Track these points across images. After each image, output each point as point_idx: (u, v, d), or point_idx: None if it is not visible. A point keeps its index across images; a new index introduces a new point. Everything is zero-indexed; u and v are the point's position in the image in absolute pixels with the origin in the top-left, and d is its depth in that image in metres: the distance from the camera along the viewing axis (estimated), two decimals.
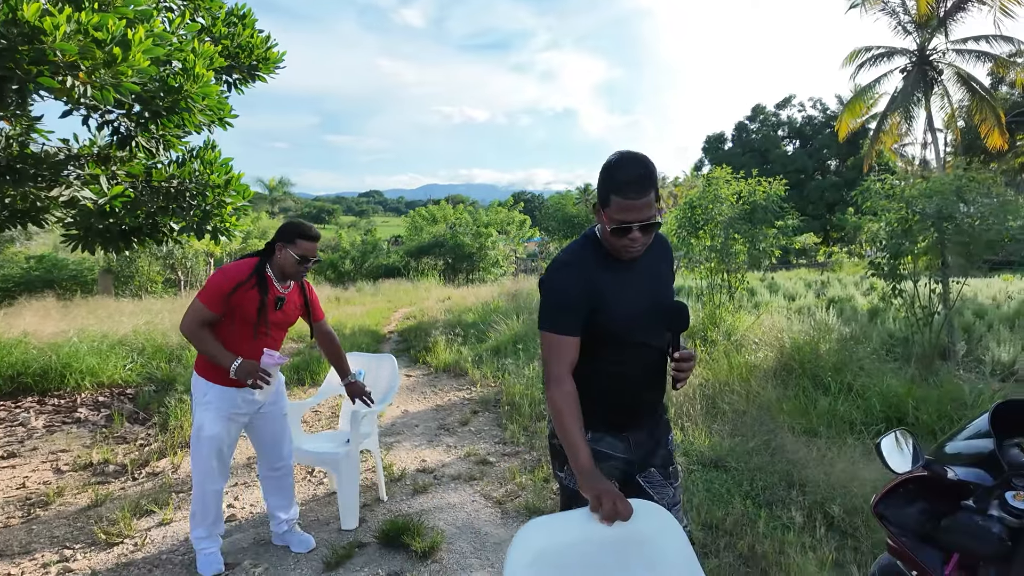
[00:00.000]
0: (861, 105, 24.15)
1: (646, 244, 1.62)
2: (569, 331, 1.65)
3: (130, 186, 5.33)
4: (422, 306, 13.15)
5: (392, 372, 3.76)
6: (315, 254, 2.75)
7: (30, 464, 4.41)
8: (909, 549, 1.45)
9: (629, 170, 1.54)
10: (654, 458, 1.81)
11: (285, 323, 2.80)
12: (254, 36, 6.01)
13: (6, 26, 3.52)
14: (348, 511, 3.21)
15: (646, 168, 1.54)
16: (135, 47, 3.94)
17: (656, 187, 1.58)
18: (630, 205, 1.53)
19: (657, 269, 1.78)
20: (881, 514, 1.52)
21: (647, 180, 1.54)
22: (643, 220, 1.55)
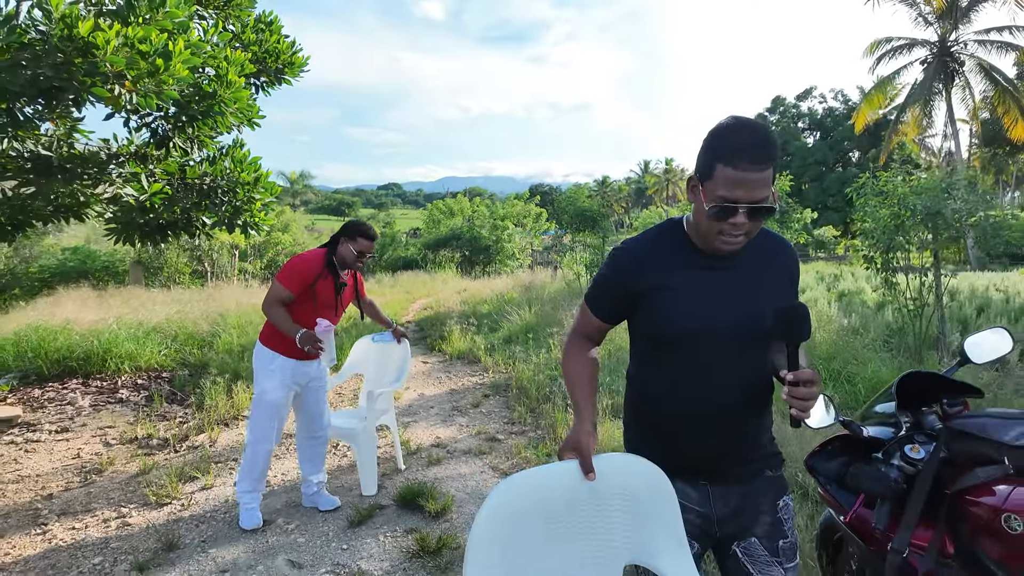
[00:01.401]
0: (880, 97, 23.98)
1: (751, 235, 1.30)
2: (597, 311, 1.50)
3: (166, 183, 5.74)
4: (439, 297, 13.53)
5: (404, 352, 3.96)
6: (372, 250, 3.27)
7: (81, 438, 4.85)
8: (831, 494, 1.76)
9: (746, 136, 1.22)
10: (755, 525, 1.45)
11: (344, 304, 3.35)
12: (280, 42, 6.37)
13: (63, 42, 3.91)
14: (367, 479, 3.59)
15: (767, 138, 1.23)
16: (175, 58, 4.31)
17: (776, 165, 1.27)
18: (741, 179, 1.21)
19: (764, 279, 1.39)
20: (811, 467, 1.83)
21: (767, 150, 1.23)
22: (754, 201, 1.23)
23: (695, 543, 1.44)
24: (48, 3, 3.80)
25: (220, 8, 5.98)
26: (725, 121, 1.29)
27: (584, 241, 12.91)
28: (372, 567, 2.79)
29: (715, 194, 1.24)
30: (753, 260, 1.39)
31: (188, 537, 3.11)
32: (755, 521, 1.45)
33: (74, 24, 3.86)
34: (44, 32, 3.92)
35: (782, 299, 1.35)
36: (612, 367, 5.81)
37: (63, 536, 3.17)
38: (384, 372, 4.09)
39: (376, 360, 4.20)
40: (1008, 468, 1.45)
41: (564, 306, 8.55)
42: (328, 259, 3.19)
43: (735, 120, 1.27)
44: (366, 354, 4.23)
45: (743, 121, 1.26)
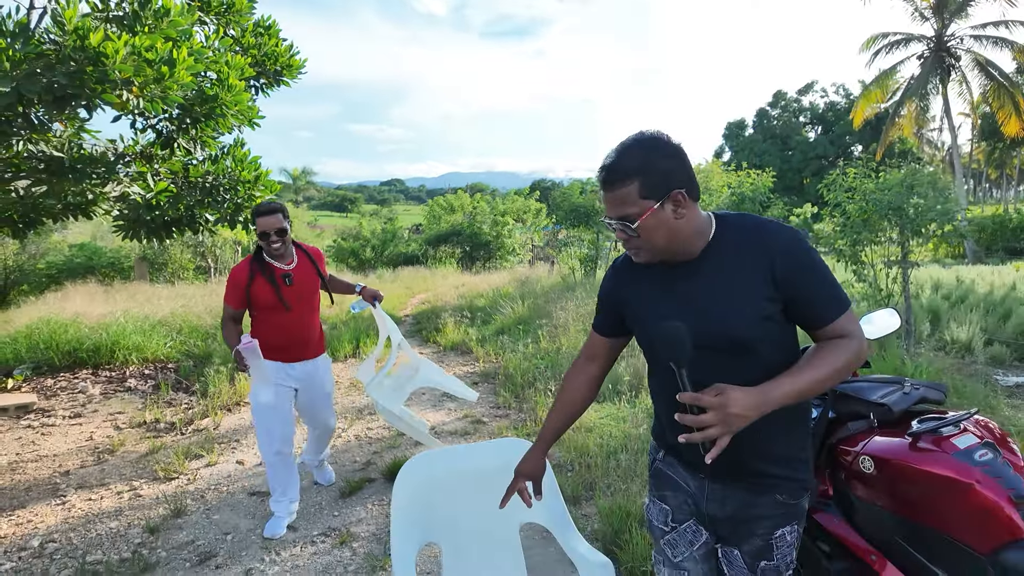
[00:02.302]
0: (878, 92, 24.13)
1: (642, 248, 1.29)
2: (595, 324, 1.59)
3: (171, 182, 6.04)
4: (437, 292, 13.82)
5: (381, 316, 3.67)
6: (274, 226, 2.88)
7: (93, 422, 5.16)
8: None
9: (605, 160, 1.26)
10: (744, 541, 1.42)
11: (304, 294, 3.04)
12: (278, 45, 6.65)
13: (75, 51, 4.20)
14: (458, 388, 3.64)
15: (613, 160, 1.24)
16: (179, 65, 4.60)
17: (638, 179, 1.22)
18: (603, 198, 1.28)
19: (731, 282, 1.28)
20: None
21: (607, 173, 1.24)
22: (614, 217, 1.26)
23: (694, 522, 1.49)
24: (62, 15, 4.08)
25: (221, 14, 6.26)
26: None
27: (579, 236, 13.18)
28: (360, 530, 3.09)
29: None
30: (722, 262, 1.29)
31: (194, 506, 3.42)
32: (745, 538, 1.41)
33: (86, 35, 4.14)
34: (58, 42, 4.20)
35: (756, 300, 1.26)
36: None
37: (81, 506, 3.48)
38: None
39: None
40: (873, 422, 1.74)
41: (556, 300, 8.83)
42: (255, 258, 2.98)
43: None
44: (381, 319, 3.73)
45: (619, 144, 1.27)
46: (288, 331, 3.01)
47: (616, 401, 4.80)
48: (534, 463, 1.60)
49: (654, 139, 1.25)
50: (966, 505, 1.46)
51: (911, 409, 1.75)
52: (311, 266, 3.10)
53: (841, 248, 5.38)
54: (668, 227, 1.25)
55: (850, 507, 1.74)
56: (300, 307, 3.04)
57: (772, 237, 1.28)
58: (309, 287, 3.07)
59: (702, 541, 1.50)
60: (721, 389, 1.14)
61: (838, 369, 1.22)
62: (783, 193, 44.25)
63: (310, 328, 3.14)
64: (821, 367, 1.21)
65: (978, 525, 1.44)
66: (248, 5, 6.24)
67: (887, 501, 1.62)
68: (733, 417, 1.11)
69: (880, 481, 1.63)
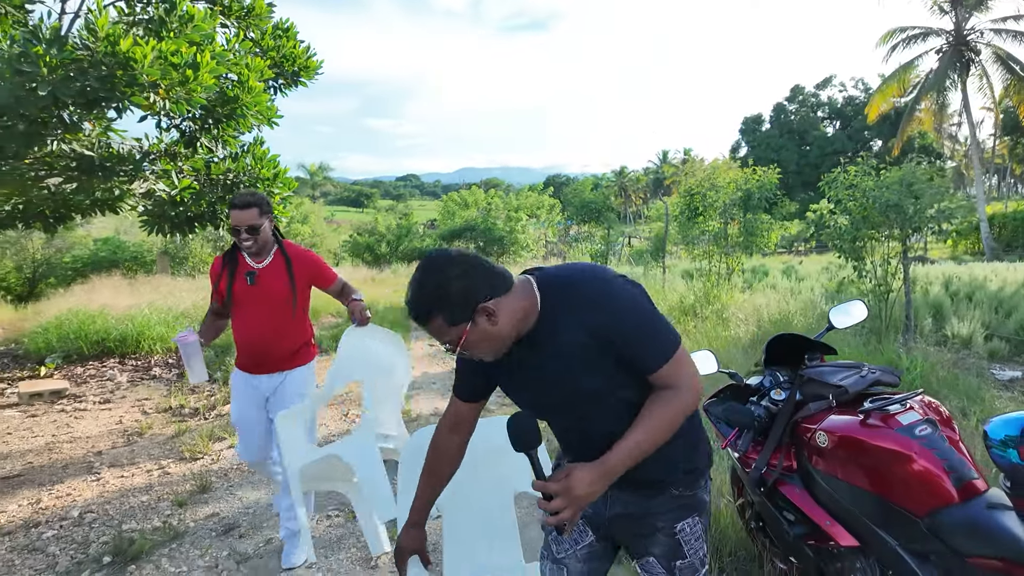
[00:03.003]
0: (894, 87, 23.91)
1: (480, 356, 1.29)
2: (459, 393, 1.54)
3: (194, 179, 6.31)
4: None
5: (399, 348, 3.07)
6: (246, 222, 2.55)
7: (122, 408, 5.46)
8: (718, 429, 2.23)
9: (408, 292, 1.26)
10: (652, 544, 1.43)
11: (268, 299, 2.64)
12: (296, 47, 6.88)
13: (106, 57, 4.45)
14: (370, 532, 2.64)
15: (412, 297, 1.25)
16: (203, 68, 4.84)
17: (441, 313, 1.21)
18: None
19: (563, 342, 1.27)
20: (706, 409, 2.30)
21: (416, 312, 1.25)
22: (444, 344, 1.25)
23: (582, 523, 1.51)
24: (95, 23, 4.33)
25: (241, 18, 6.50)
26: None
27: (590, 232, 13.34)
28: None
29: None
30: (553, 327, 1.27)
31: (218, 483, 3.67)
32: (652, 540, 1.42)
33: (116, 41, 4.39)
34: (91, 48, 4.45)
35: (588, 357, 1.26)
36: None
37: (114, 482, 3.75)
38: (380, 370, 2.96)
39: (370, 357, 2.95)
40: (832, 402, 1.91)
41: None
42: (230, 250, 2.72)
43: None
44: (362, 351, 2.94)
45: (413, 279, 1.24)
46: (246, 335, 2.68)
47: None
48: (415, 538, 1.57)
49: (440, 269, 1.22)
50: (905, 474, 1.64)
51: (866, 391, 1.92)
52: (285, 272, 2.67)
53: (842, 246, 5.50)
54: (489, 334, 1.24)
55: (810, 479, 1.91)
56: (260, 310, 2.63)
57: (579, 294, 1.27)
58: (276, 292, 2.65)
59: (587, 542, 1.52)
60: (568, 471, 1.19)
61: (667, 425, 1.24)
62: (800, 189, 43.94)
63: (276, 338, 2.67)
64: (650, 428, 1.23)
65: (915, 491, 1.61)
66: (267, 9, 6.48)
67: (840, 472, 1.79)
68: (580, 498, 1.17)
69: (834, 454, 1.81)
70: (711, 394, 2.36)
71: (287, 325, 2.71)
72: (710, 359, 2.25)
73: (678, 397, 1.26)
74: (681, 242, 8.73)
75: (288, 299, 2.67)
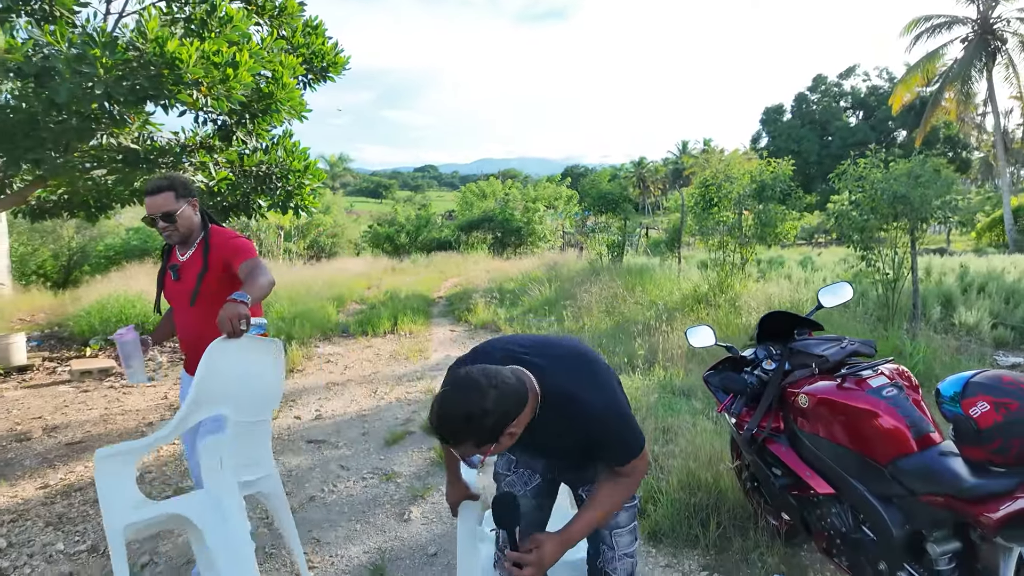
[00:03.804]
0: (917, 77, 23.62)
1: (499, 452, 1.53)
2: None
3: (228, 171, 6.66)
4: (469, 276, 14.38)
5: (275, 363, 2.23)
6: (159, 208, 2.30)
7: (165, 385, 5.85)
8: (716, 396, 2.50)
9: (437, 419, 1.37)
10: (593, 477, 1.70)
11: (179, 297, 2.38)
12: (325, 44, 7.19)
13: (155, 57, 4.79)
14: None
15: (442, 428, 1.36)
16: (242, 67, 5.15)
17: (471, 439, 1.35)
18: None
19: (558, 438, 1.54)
20: (706, 379, 2.57)
21: (446, 438, 1.37)
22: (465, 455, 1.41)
23: (537, 474, 1.83)
24: (145, 26, 4.67)
25: (274, 16, 6.82)
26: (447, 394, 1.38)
27: (607, 222, 13.54)
28: (402, 470, 3.64)
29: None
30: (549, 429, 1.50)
31: None
32: (593, 473, 1.69)
33: (164, 43, 4.72)
34: (140, 50, 4.78)
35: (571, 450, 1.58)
36: (619, 335, 6.52)
37: (167, 449, 4.11)
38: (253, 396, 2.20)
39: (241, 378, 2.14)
40: (815, 369, 2.17)
41: (582, 283, 9.26)
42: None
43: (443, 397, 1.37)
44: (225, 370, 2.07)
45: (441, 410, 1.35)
46: (182, 335, 2.46)
47: (631, 373, 5.24)
48: (459, 489, 1.94)
49: (473, 401, 1.32)
50: (873, 428, 1.89)
51: (845, 360, 2.18)
52: (201, 261, 2.33)
53: (851, 236, 5.68)
54: (507, 446, 1.43)
55: (794, 437, 2.18)
56: (186, 308, 2.36)
57: (579, 412, 1.49)
58: (187, 290, 2.34)
59: (535, 483, 1.84)
60: (538, 544, 1.46)
61: (619, 504, 1.59)
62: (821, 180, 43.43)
63: (206, 337, 2.11)
64: (606, 507, 1.56)
65: (881, 443, 1.87)
66: (298, 7, 6.78)
67: (819, 429, 2.05)
68: (546, 565, 1.46)
69: (814, 414, 2.07)
70: (711, 365, 2.62)
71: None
72: (708, 333, 2.52)
73: (631, 483, 1.59)
74: (697, 233, 8.92)
75: (217, 291, 2.24)
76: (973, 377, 1.66)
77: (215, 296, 2.21)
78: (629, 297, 8.04)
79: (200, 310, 2.29)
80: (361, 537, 2.90)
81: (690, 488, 2.86)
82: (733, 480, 2.87)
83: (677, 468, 3.07)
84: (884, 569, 1.88)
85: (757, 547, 2.57)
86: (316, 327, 8.01)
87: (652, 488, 2.95)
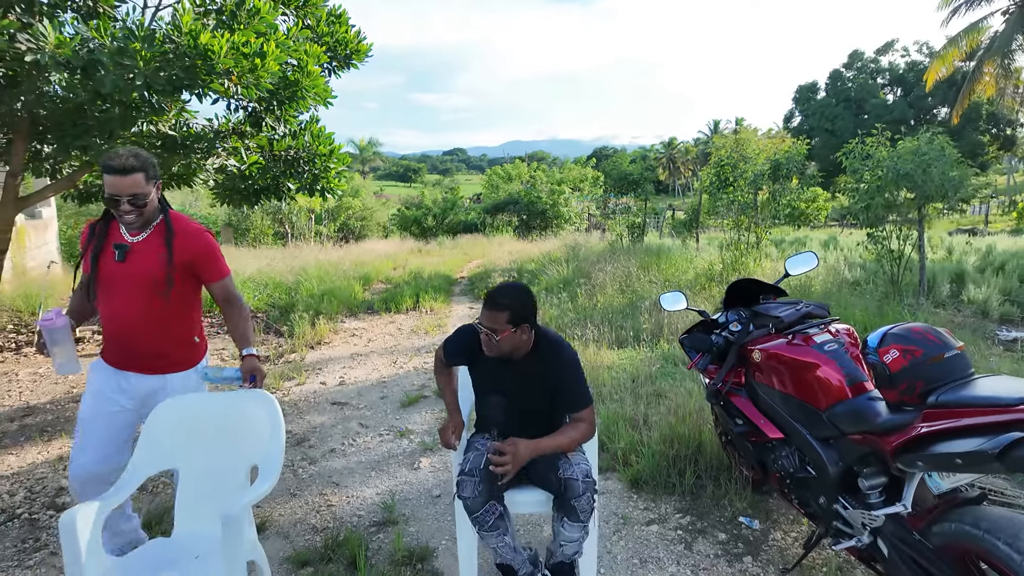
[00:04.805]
0: (954, 52, 22.83)
1: (494, 350, 2.05)
2: (448, 360, 2.31)
3: (259, 155, 7.05)
4: (491, 257, 14.69)
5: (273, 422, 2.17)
6: (128, 190, 2.07)
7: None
8: (688, 355, 2.76)
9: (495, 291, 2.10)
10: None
11: (136, 277, 2.15)
12: (348, 32, 7.49)
13: (189, 49, 5.15)
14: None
15: (499, 295, 2.05)
16: (269, 56, 5.48)
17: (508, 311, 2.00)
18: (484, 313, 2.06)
19: (534, 375, 2.12)
20: (682, 342, 2.82)
21: (495, 303, 2.02)
22: (484, 326, 2.04)
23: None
24: (180, 20, 5.02)
25: (299, 7, 7.14)
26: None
27: (628, 204, 13.66)
28: (415, 428, 3.99)
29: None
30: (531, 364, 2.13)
31: (290, 410, 4.40)
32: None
33: (197, 35, 5.08)
34: (175, 42, 5.14)
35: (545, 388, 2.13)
36: (629, 311, 6.75)
37: None
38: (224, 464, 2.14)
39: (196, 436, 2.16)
40: (771, 329, 2.41)
41: (598, 263, 9.47)
42: (104, 214, 2.21)
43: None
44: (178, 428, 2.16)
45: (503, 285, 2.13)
46: (111, 322, 2.21)
47: (636, 347, 5.49)
48: (458, 422, 2.26)
49: (527, 293, 2.11)
50: (813, 379, 2.14)
51: (800, 320, 2.41)
52: (163, 248, 2.17)
53: (857, 213, 5.78)
54: (514, 342, 2.06)
55: (752, 390, 2.43)
56: (128, 293, 2.16)
57: (561, 354, 2.14)
58: (149, 272, 2.16)
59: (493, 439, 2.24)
60: (513, 442, 1.99)
61: (574, 441, 2.09)
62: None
63: (147, 329, 2.18)
64: (567, 439, 2.08)
65: (820, 391, 2.12)
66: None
67: (771, 381, 2.30)
68: (520, 461, 1.98)
69: (766, 367, 2.32)
70: (685, 329, 2.88)
71: (164, 314, 2.19)
72: (680, 298, 2.77)
73: (586, 428, 2.12)
74: (712, 212, 9.04)
75: (157, 282, 2.15)
76: (890, 329, 1.89)
77: (163, 287, 2.14)
78: (644, 276, 8.24)
79: (145, 299, 2.15)
80: (375, 482, 3.25)
81: (670, 441, 3.13)
82: (711, 435, 3.13)
83: (659, 424, 3.35)
84: (823, 503, 2.14)
85: (727, 493, 2.84)
86: (343, 303, 8.42)
87: (636, 441, 3.23)
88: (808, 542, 2.26)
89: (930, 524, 1.75)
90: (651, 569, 2.43)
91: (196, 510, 2.07)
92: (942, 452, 1.62)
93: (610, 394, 4.20)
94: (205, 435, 2.14)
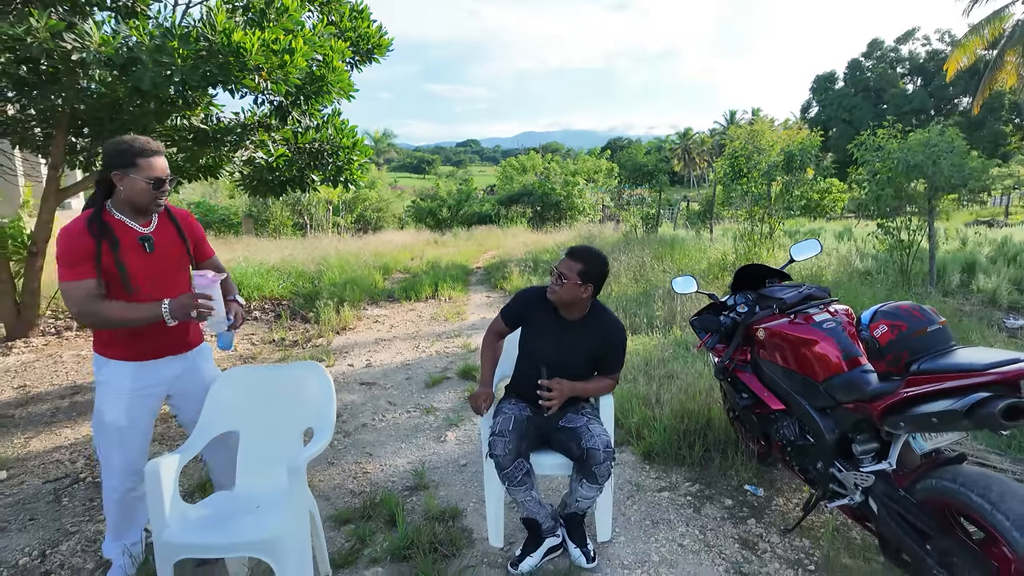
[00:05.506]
0: (976, 41, 22.55)
1: (557, 294, 2.34)
2: (506, 321, 2.52)
3: (285, 148, 7.31)
4: (506, 248, 14.90)
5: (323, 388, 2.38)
6: (167, 171, 2.16)
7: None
8: (698, 335, 2.96)
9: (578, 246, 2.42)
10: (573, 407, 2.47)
11: (168, 264, 2.22)
12: (370, 27, 7.71)
13: (223, 47, 5.40)
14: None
15: (581, 250, 2.37)
16: (297, 53, 5.72)
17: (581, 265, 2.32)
18: (563, 259, 2.38)
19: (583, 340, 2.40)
20: (692, 323, 3.02)
21: (576, 254, 2.36)
22: (558, 269, 2.34)
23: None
24: (214, 19, 5.26)
25: (324, 4, 7.37)
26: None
27: (642, 195, 13.79)
28: (440, 406, 4.23)
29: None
30: (585, 328, 2.43)
31: None
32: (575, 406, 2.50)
33: (230, 34, 5.32)
34: (209, 40, 5.39)
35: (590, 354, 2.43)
36: (643, 300, 6.94)
37: None
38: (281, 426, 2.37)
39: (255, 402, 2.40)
40: (775, 309, 2.61)
41: (611, 253, 9.65)
42: (94, 214, 2.10)
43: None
44: (238, 394, 2.40)
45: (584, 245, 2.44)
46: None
47: (650, 333, 5.69)
48: (488, 394, 2.40)
49: (602, 259, 2.38)
50: (811, 354, 2.33)
51: (802, 302, 2.60)
52: (174, 229, 2.28)
53: (867, 203, 5.92)
54: (574, 294, 2.34)
55: (756, 366, 2.63)
56: (164, 282, 2.21)
57: (612, 325, 2.45)
58: (175, 257, 2.27)
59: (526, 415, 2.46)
60: (559, 381, 2.31)
61: (600, 390, 2.48)
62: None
63: None
64: (598, 388, 2.48)
65: (818, 365, 2.31)
66: None
67: (774, 356, 2.50)
68: (564, 395, 2.32)
69: (769, 344, 2.51)
70: (696, 311, 3.08)
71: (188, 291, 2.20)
72: (691, 282, 2.97)
73: (612, 383, 2.51)
74: (725, 203, 9.18)
75: (183, 262, 2.28)
76: (881, 307, 2.09)
77: (185, 268, 2.30)
78: (657, 266, 8.42)
79: (176, 282, 2.24)
80: (405, 453, 3.50)
81: (681, 417, 3.34)
82: (719, 412, 3.34)
83: (671, 401, 3.56)
84: (820, 467, 2.34)
85: (733, 465, 3.05)
86: (365, 292, 8.69)
87: (648, 417, 3.45)
88: (807, 504, 2.46)
89: (914, 482, 1.95)
90: (662, 529, 2.65)
91: (256, 467, 2.33)
92: (920, 412, 1.82)
93: (624, 375, 4.41)
94: (264, 401, 2.40)
